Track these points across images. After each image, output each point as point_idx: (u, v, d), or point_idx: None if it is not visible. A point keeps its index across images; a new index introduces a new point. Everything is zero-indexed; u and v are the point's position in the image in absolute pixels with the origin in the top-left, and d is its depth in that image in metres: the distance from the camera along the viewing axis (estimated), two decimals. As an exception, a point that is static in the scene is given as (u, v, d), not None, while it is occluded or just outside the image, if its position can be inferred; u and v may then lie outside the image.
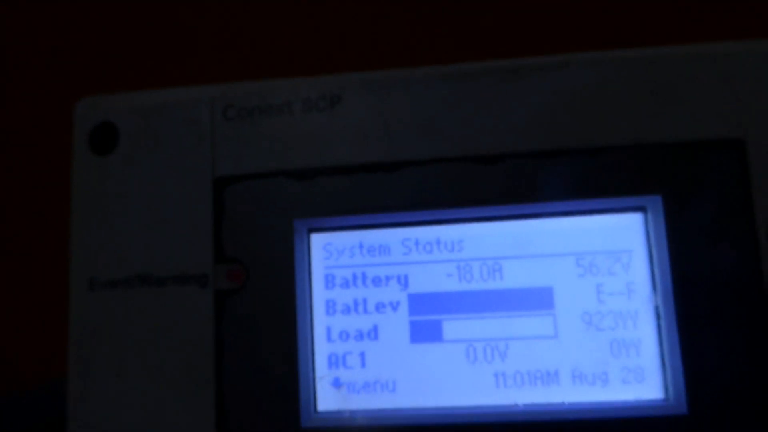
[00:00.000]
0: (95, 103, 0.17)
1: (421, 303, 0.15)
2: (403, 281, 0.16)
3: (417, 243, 0.16)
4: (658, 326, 0.15)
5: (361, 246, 0.16)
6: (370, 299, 0.16)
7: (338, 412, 0.15)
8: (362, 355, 0.15)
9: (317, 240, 0.16)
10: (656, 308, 0.15)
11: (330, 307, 0.16)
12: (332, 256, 0.16)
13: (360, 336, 0.15)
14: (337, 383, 0.15)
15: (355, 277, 0.16)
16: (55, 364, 0.22)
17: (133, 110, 0.17)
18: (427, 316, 0.15)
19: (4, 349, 0.30)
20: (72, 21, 0.35)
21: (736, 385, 0.14)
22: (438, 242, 0.16)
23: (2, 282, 0.31)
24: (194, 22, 0.33)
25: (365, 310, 0.16)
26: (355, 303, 0.16)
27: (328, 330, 0.16)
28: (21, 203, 0.32)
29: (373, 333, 0.15)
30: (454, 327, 0.15)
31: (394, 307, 0.16)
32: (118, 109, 0.17)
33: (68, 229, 0.17)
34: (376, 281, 0.16)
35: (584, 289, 0.15)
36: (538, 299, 0.15)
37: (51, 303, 0.23)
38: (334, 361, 0.15)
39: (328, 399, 0.15)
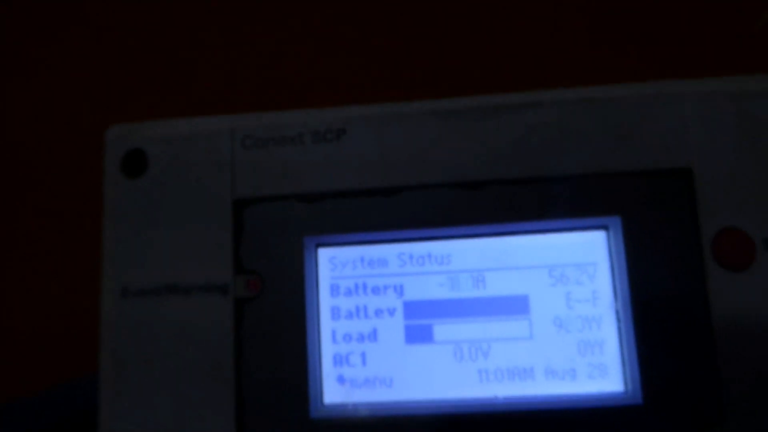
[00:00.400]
0: (125, 131, 0.19)
1: (414, 309, 0.18)
2: (399, 290, 0.18)
3: (411, 257, 0.18)
4: (619, 328, 0.17)
5: (362, 259, 0.18)
6: (370, 306, 0.18)
7: (342, 405, 0.17)
8: (363, 354, 0.18)
9: (324, 254, 0.18)
10: (617, 313, 0.17)
11: (335, 312, 0.18)
12: (337, 268, 0.18)
13: (361, 338, 0.18)
14: (341, 379, 0.17)
15: (356, 286, 0.18)
16: (81, 363, 0.25)
17: (161, 139, 0.19)
18: (420, 320, 0.18)
19: (41, 348, 0.33)
20: (104, 53, 0.38)
21: (683, 378, 0.16)
22: (429, 256, 0.18)
23: (39, 288, 0.34)
24: (217, 58, 0.37)
25: (366, 316, 0.18)
26: (357, 309, 0.18)
27: (333, 333, 0.18)
28: (56, 221, 0.35)
29: (373, 335, 0.18)
30: (443, 330, 0.17)
31: (391, 312, 0.18)
32: (147, 137, 0.19)
33: (100, 243, 0.19)
34: (375, 290, 0.18)
35: (555, 297, 0.17)
36: (516, 305, 0.17)
37: (81, 309, 0.25)
38: (338, 360, 0.18)
39: (333, 393, 0.17)
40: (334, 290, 0.18)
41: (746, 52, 0.34)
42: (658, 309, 0.17)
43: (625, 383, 0.17)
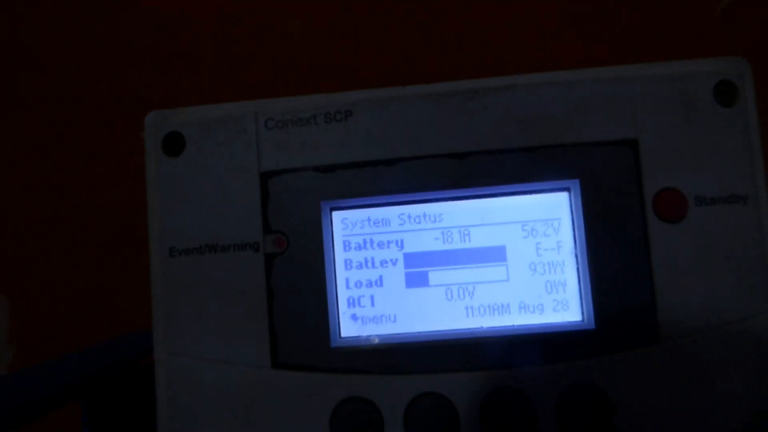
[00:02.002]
0: (162, 116, 0.23)
1: (412, 259, 0.22)
2: (400, 244, 0.22)
3: (409, 216, 0.22)
4: (578, 271, 0.21)
5: (368, 219, 0.22)
6: (376, 258, 0.22)
7: (356, 337, 0.21)
8: (372, 297, 0.21)
9: (337, 216, 0.22)
10: (576, 258, 0.21)
11: (348, 264, 0.22)
12: (348, 227, 0.22)
13: (369, 284, 0.22)
14: (354, 317, 0.21)
15: (365, 242, 0.22)
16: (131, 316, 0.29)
17: (195, 122, 0.22)
18: (418, 268, 0.21)
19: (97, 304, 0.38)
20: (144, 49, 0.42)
21: (627, 309, 0.20)
22: (424, 215, 0.22)
23: (96, 254, 0.39)
24: (245, 49, 0.42)
25: (373, 266, 0.22)
26: (366, 260, 0.22)
27: (347, 280, 0.22)
28: (102, 194, 0.41)
29: (379, 281, 0.22)
30: (437, 275, 0.21)
31: (394, 262, 0.22)
32: (184, 121, 0.22)
33: (145, 212, 0.23)
34: (380, 245, 0.22)
35: (527, 247, 0.21)
36: (495, 254, 0.21)
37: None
38: (351, 302, 0.21)
39: (348, 328, 0.21)
40: (347, 246, 0.22)
41: (707, 35, 0.38)
42: (609, 255, 0.21)
43: (582, 314, 0.21)
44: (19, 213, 0.42)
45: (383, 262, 0.22)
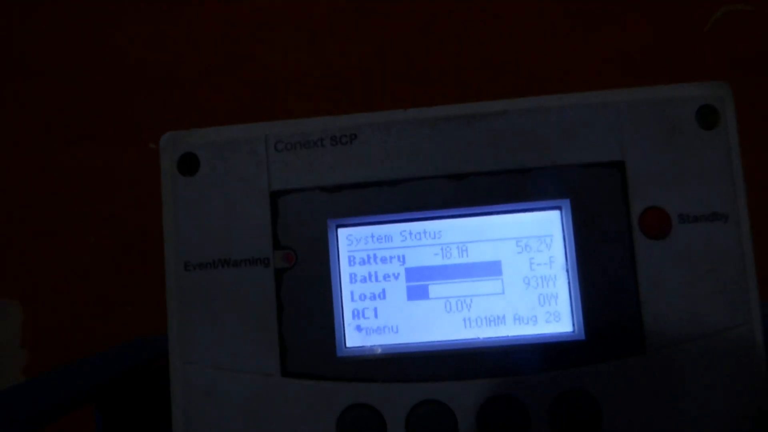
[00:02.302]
0: (177, 137, 0.24)
1: (414, 274, 0.23)
2: (402, 259, 0.23)
3: (410, 233, 0.23)
4: (569, 284, 0.22)
5: (372, 236, 0.23)
6: (380, 272, 0.23)
7: (360, 347, 0.22)
8: (375, 309, 0.23)
9: (342, 233, 0.23)
10: (567, 273, 0.22)
11: (352, 278, 0.23)
12: (353, 243, 0.23)
13: (373, 297, 0.23)
14: (359, 328, 0.23)
15: (369, 257, 0.23)
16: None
17: (209, 144, 0.23)
18: (418, 282, 0.23)
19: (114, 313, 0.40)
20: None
21: (615, 320, 0.22)
22: (425, 232, 0.23)
23: (107, 263, 0.41)
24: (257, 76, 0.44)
25: (376, 279, 0.23)
26: (369, 275, 0.23)
27: (352, 293, 0.23)
28: (116, 204, 0.43)
29: (382, 294, 0.23)
30: (436, 289, 0.23)
31: (396, 276, 0.23)
32: (197, 143, 0.23)
33: (158, 223, 0.24)
34: (383, 260, 0.23)
35: (521, 261, 0.23)
36: (492, 269, 0.23)
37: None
38: (356, 314, 0.23)
39: (353, 338, 0.23)
40: (351, 261, 0.23)
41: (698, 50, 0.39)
42: (598, 269, 0.22)
43: (573, 325, 0.22)
44: (33, 222, 0.43)
45: (386, 276, 0.23)
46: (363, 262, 0.23)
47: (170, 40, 0.45)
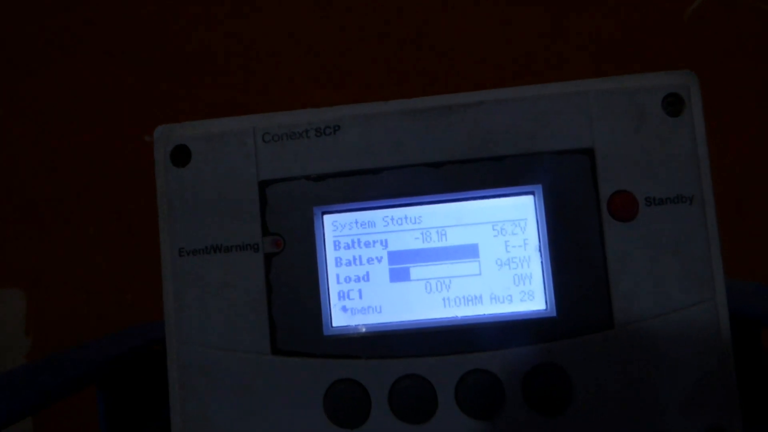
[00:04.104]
0: (170, 130, 0.25)
1: (395, 257, 0.24)
2: (384, 243, 0.24)
3: (392, 219, 0.24)
4: (542, 265, 0.24)
5: (356, 222, 0.24)
6: (363, 256, 0.24)
7: (346, 326, 0.24)
8: (359, 291, 0.24)
9: (328, 219, 0.24)
10: (540, 254, 0.24)
11: (338, 261, 0.24)
12: (338, 229, 0.24)
13: (358, 279, 0.24)
14: (344, 309, 0.24)
15: (353, 242, 0.24)
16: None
17: (200, 136, 0.25)
18: (400, 264, 0.24)
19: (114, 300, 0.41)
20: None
21: (584, 298, 0.23)
22: (406, 218, 0.24)
23: (113, 252, 0.43)
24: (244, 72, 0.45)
25: (360, 263, 0.24)
26: (354, 258, 0.24)
27: (337, 276, 0.24)
28: (114, 194, 0.44)
29: (366, 277, 0.24)
30: (417, 271, 0.24)
31: (379, 260, 0.24)
32: (189, 135, 0.25)
33: (156, 216, 0.25)
34: (367, 244, 0.24)
35: (497, 244, 0.24)
36: (469, 251, 0.24)
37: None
38: (342, 295, 0.24)
39: (339, 318, 0.24)
40: (337, 245, 0.24)
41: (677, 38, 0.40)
42: (569, 250, 0.23)
43: (546, 303, 0.23)
44: (35, 214, 0.44)
45: (369, 260, 0.24)
46: (348, 247, 0.24)
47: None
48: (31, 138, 0.45)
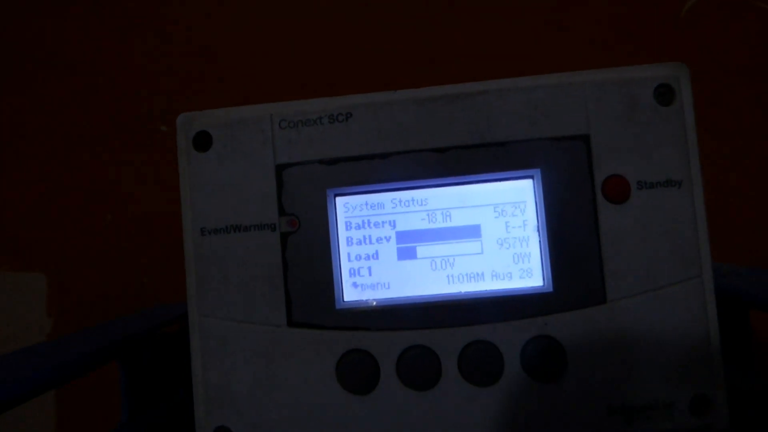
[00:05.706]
0: (192, 117, 0.27)
1: (403, 236, 0.26)
2: (392, 224, 0.26)
3: (400, 201, 0.26)
4: (540, 244, 0.25)
5: (366, 203, 0.26)
6: (373, 235, 0.26)
7: (356, 301, 0.26)
8: (369, 268, 0.26)
9: (340, 201, 0.26)
10: (539, 234, 0.25)
11: (349, 240, 0.26)
12: (349, 210, 0.26)
13: (368, 257, 0.26)
14: (355, 285, 0.26)
15: (363, 222, 0.26)
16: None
17: (221, 123, 0.26)
18: (407, 244, 0.26)
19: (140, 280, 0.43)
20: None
21: (579, 274, 0.25)
22: (413, 200, 0.26)
23: (129, 237, 0.45)
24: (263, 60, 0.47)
25: (370, 242, 0.26)
26: (364, 238, 0.26)
27: (348, 254, 0.26)
28: (134, 179, 0.46)
29: (375, 255, 0.26)
30: (423, 249, 0.26)
31: (387, 239, 0.26)
32: (210, 122, 0.26)
33: (179, 198, 0.27)
34: (376, 224, 0.26)
35: (499, 225, 0.25)
36: (472, 232, 0.26)
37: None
38: (352, 272, 0.26)
39: (350, 293, 0.26)
40: (348, 225, 0.26)
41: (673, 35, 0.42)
42: (566, 231, 0.25)
43: (543, 279, 0.25)
44: (55, 201, 0.46)
45: (378, 239, 0.26)
46: (358, 227, 0.26)
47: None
48: (51, 129, 0.47)
